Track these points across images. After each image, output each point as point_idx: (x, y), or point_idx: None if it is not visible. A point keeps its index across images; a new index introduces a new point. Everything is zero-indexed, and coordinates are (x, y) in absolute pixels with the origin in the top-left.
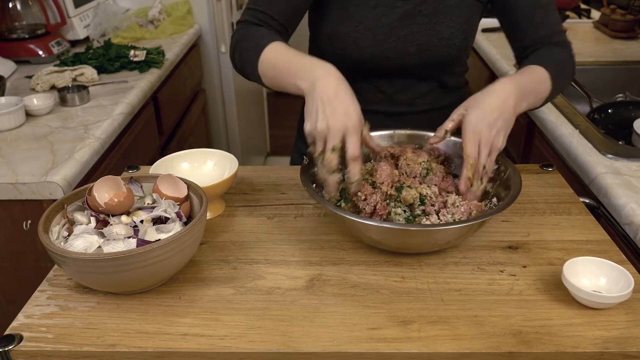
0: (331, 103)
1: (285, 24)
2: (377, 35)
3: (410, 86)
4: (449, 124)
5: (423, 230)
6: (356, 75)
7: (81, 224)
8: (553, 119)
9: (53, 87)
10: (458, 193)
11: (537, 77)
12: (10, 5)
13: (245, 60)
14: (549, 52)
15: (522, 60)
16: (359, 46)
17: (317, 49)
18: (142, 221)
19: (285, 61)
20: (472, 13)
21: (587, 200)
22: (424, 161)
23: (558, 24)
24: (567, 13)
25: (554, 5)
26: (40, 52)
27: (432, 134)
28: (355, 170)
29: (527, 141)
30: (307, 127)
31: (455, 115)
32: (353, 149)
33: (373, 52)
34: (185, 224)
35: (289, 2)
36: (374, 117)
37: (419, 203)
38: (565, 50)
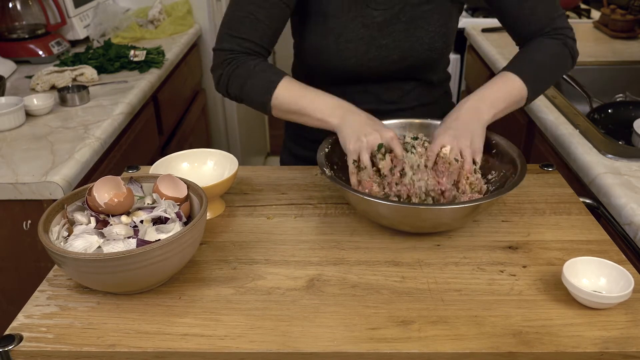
0: (369, 124)
1: (268, 47)
2: (359, 46)
3: (396, 86)
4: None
5: (423, 209)
6: (342, 81)
7: (81, 224)
8: (553, 119)
9: (53, 87)
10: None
11: (505, 85)
12: (10, 5)
13: (248, 95)
14: (535, 48)
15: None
16: (341, 58)
17: (301, 61)
18: (142, 221)
19: (307, 100)
20: (450, 15)
21: (587, 200)
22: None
23: (549, 12)
24: (567, 13)
25: None
26: (40, 52)
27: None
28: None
29: (527, 141)
30: (353, 145)
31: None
32: (400, 153)
33: (356, 62)
34: (185, 224)
35: (269, 26)
36: None
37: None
38: (556, 40)
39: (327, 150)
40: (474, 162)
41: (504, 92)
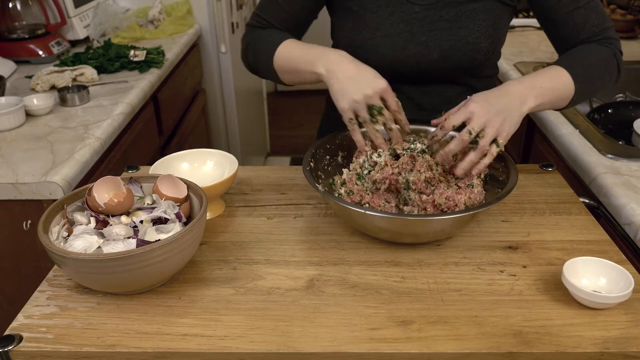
0: (358, 77)
1: (289, 32)
2: (396, 42)
3: (436, 91)
4: (454, 110)
5: (415, 220)
6: None
7: (81, 224)
8: (553, 119)
9: (53, 87)
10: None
11: (556, 78)
12: (10, 5)
13: (260, 60)
14: (584, 49)
15: None
16: (377, 53)
17: None
18: (141, 221)
19: (299, 53)
20: (498, 16)
21: (587, 200)
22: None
23: (600, 22)
24: None
25: (595, 1)
26: (40, 52)
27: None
28: (404, 119)
29: (527, 141)
30: (344, 103)
31: (460, 105)
32: (394, 102)
33: (392, 59)
34: (185, 224)
35: (290, 15)
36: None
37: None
38: (606, 47)
39: (311, 165)
40: (496, 143)
41: (554, 85)
